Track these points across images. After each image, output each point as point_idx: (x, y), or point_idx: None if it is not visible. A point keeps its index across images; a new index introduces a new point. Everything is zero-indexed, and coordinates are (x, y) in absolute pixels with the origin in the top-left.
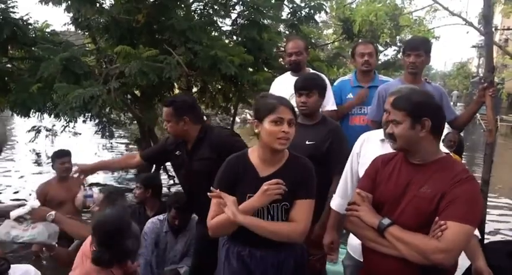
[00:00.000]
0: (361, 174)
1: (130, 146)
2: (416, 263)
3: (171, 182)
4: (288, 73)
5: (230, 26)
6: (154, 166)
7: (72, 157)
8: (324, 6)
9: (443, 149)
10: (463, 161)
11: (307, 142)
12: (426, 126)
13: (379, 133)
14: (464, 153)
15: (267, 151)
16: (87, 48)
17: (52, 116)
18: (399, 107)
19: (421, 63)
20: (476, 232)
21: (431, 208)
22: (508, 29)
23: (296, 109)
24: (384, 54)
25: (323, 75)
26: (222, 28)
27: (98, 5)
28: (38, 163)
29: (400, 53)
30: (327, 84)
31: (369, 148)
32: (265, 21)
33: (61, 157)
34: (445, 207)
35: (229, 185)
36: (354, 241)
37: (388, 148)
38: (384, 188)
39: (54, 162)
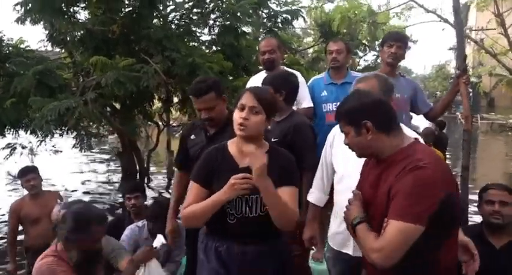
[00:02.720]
0: (334, 164)
1: (111, 163)
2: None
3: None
4: (263, 72)
5: (208, 34)
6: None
7: (38, 173)
8: (301, 12)
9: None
10: (447, 159)
11: (272, 139)
12: (370, 128)
13: None
14: (447, 152)
15: (240, 140)
16: (63, 62)
17: (28, 132)
18: (339, 118)
19: (400, 56)
20: None
21: (386, 206)
22: (482, 29)
23: None
24: (364, 60)
25: (296, 73)
26: (201, 38)
27: (70, 16)
28: (14, 182)
29: (380, 59)
30: (287, 82)
31: (341, 138)
32: (242, 27)
33: (25, 175)
34: (390, 203)
35: (207, 177)
36: (332, 232)
37: None
38: (362, 187)
39: (20, 180)
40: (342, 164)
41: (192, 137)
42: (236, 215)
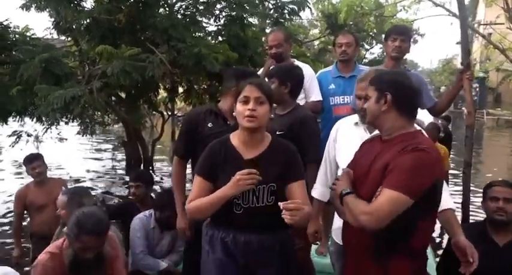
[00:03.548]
0: (338, 159)
1: (116, 152)
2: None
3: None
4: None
5: (214, 25)
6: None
7: (43, 160)
8: (308, 3)
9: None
10: (451, 154)
11: (277, 132)
12: (388, 100)
13: (353, 118)
14: (454, 143)
15: (245, 132)
16: (69, 50)
17: (34, 120)
18: (371, 82)
19: (405, 49)
20: (451, 204)
21: (381, 180)
22: (491, 24)
23: None
24: (370, 52)
25: (305, 66)
26: (207, 29)
27: (77, 5)
28: (20, 169)
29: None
30: (293, 75)
31: (344, 132)
32: (249, 17)
33: (31, 162)
34: (386, 176)
35: (211, 170)
36: (336, 226)
37: (361, 131)
38: (356, 165)
39: (26, 168)
40: (345, 159)
41: (210, 124)
42: (243, 205)
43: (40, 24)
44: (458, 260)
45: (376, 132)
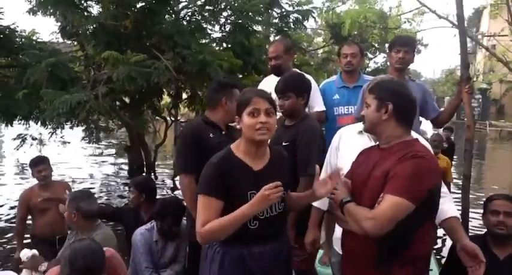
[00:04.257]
0: (340, 167)
1: (119, 157)
2: (367, 237)
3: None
4: (272, 75)
5: (219, 32)
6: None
7: (49, 163)
8: (312, 13)
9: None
10: (453, 164)
11: (283, 143)
12: (388, 109)
13: (357, 126)
14: (455, 156)
15: (252, 144)
16: (75, 55)
17: (39, 123)
18: (371, 91)
19: (408, 60)
20: (455, 212)
21: (381, 187)
22: (494, 35)
23: None
24: (374, 62)
25: (307, 76)
26: (212, 35)
27: (83, 10)
28: (23, 172)
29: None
30: (306, 84)
31: (347, 140)
32: (253, 26)
33: (37, 165)
34: (387, 182)
35: (223, 188)
36: (337, 236)
37: (365, 140)
38: (355, 174)
39: (32, 170)
40: (348, 167)
41: (211, 135)
42: (259, 216)
43: (44, 28)
44: (461, 268)
45: (368, 141)
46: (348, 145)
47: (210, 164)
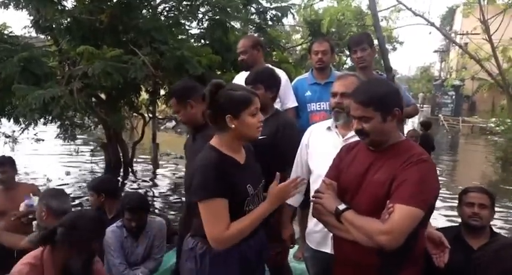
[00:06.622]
0: (310, 164)
1: (95, 154)
2: (368, 246)
3: (135, 185)
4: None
5: (197, 28)
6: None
7: (12, 165)
8: (291, 9)
9: None
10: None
11: (259, 137)
12: (398, 115)
13: (325, 123)
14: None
15: (239, 141)
16: (48, 49)
17: (11, 120)
18: (365, 103)
19: (368, 56)
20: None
21: (384, 192)
22: (467, 34)
23: None
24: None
25: (277, 70)
26: (190, 32)
27: (58, 3)
28: None
29: None
30: (277, 79)
31: (317, 137)
32: (231, 22)
33: None
34: (394, 190)
35: (229, 188)
36: (309, 231)
37: (334, 136)
38: (345, 175)
39: None
40: (318, 164)
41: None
42: (250, 209)
43: (18, 23)
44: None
45: (348, 136)
46: (317, 142)
47: (207, 166)
